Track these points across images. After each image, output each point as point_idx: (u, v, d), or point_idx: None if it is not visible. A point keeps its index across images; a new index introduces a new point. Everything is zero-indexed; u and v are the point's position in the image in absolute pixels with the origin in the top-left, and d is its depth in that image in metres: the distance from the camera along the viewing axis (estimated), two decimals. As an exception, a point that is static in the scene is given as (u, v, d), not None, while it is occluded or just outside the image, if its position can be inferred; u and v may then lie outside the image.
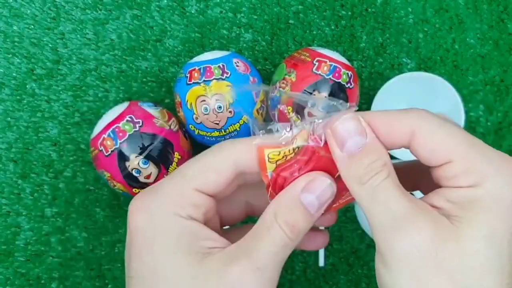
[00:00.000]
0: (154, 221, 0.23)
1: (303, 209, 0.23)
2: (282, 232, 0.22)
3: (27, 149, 0.46)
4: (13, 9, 0.46)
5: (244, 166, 0.24)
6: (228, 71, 0.40)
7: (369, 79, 0.48)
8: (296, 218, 0.23)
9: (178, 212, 0.23)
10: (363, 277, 0.48)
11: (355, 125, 0.22)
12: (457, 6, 0.48)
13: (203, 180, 0.23)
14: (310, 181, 0.23)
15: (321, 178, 0.23)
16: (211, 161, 0.24)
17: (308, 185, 0.23)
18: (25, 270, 0.45)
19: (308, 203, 0.23)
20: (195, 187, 0.23)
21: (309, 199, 0.23)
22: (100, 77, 0.46)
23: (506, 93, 0.49)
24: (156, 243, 0.22)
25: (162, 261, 0.22)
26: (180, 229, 0.22)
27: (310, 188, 0.23)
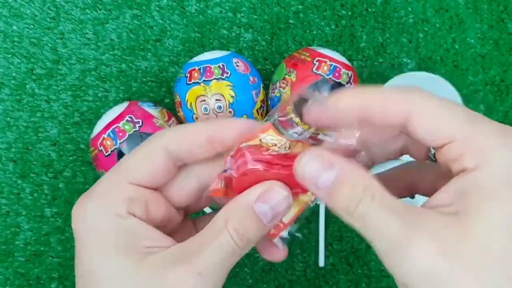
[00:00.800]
0: (90, 222, 0.22)
1: (256, 219, 0.22)
2: (231, 239, 0.22)
3: (26, 149, 0.46)
4: (12, 9, 0.46)
5: (177, 151, 0.23)
6: (228, 71, 0.40)
7: (369, 79, 0.48)
8: (247, 226, 0.22)
9: (114, 210, 0.22)
10: (363, 277, 0.48)
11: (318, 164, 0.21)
12: (457, 6, 0.48)
13: (137, 172, 0.23)
14: (265, 190, 0.22)
15: (278, 189, 0.22)
16: (143, 152, 0.23)
17: (263, 194, 0.22)
18: (24, 270, 0.45)
19: (261, 213, 0.22)
20: (130, 180, 0.23)
21: (263, 209, 0.22)
22: (100, 77, 0.46)
23: (506, 93, 0.49)
24: (92, 244, 0.22)
25: (98, 262, 0.22)
26: (116, 228, 0.22)
27: (265, 198, 0.22)
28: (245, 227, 0.22)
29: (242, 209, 0.22)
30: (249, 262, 0.47)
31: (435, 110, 0.20)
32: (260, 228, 0.22)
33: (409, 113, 0.21)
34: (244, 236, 0.22)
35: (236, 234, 0.22)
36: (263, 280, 0.47)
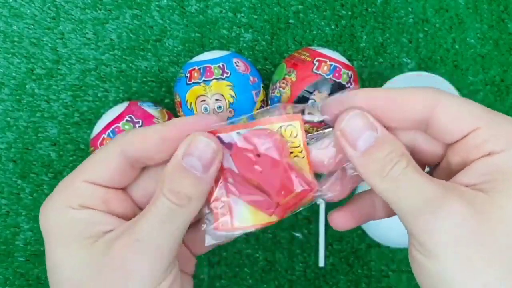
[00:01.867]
0: (49, 217, 0.23)
1: (187, 173, 0.22)
2: (167, 200, 0.22)
3: (26, 149, 0.46)
4: (12, 9, 0.46)
5: (133, 153, 0.24)
6: (228, 71, 0.40)
7: (369, 79, 0.48)
8: (181, 183, 0.22)
9: (69, 205, 0.23)
10: (363, 277, 0.48)
11: (363, 122, 0.22)
12: (457, 6, 0.48)
13: (91, 172, 0.24)
14: (188, 144, 0.23)
15: (198, 138, 0.23)
16: (99, 154, 0.24)
17: (188, 147, 0.23)
18: (24, 270, 0.45)
19: (190, 166, 0.22)
20: (84, 179, 0.23)
21: (190, 161, 0.22)
22: (99, 77, 0.46)
23: (506, 93, 0.49)
24: (52, 239, 0.23)
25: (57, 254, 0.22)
26: (72, 219, 0.23)
27: (190, 150, 0.23)
28: (179, 184, 0.22)
29: (173, 168, 0.23)
30: (249, 262, 0.47)
31: (457, 103, 0.21)
32: (195, 181, 0.22)
33: (431, 107, 0.21)
34: (181, 193, 0.22)
35: (171, 194, 0.22)
36: (263, 280, 0.47)
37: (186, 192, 0.22)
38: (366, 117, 0.22)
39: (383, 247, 0.47)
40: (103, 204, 0.24)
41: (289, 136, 0.23)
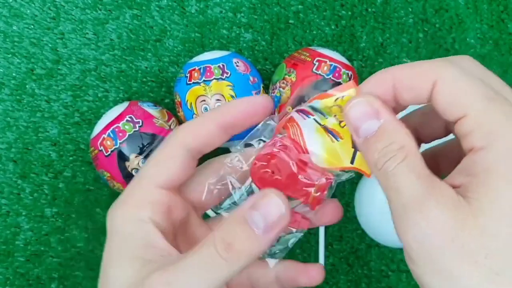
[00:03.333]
0: (115, 225, 0.23)
1: (246, 227, 0.20)
2: (214, 250, 0.20)
3: (26, 149, 0.46)
4: (12, 9, 0.46)
5: (194, 145, 0.24)
6: (228, 71, 0.40)
7: (369, 79, 0.48)
8: (236, 236, 0.20)
9: (138, 214, 0.23)
10: (363, 277, 0.48)
11: (365, 109, 0.21)
12: (457, 6, 0.48)
13: (160, 175, 0.23)
14: (259, 198, 0.21)
15: (270, 195, 0.21)
16: (162, 153, 0.24)
17: (257, 201, 0.21)
18: (24, 270, 0.45)
19: (252, 221, 0.20)
20: (154, 184, 0.23)
21: (254, 216, 0.20)
22: (100, 77, 0.46)
23: (506, 93, 0.49)
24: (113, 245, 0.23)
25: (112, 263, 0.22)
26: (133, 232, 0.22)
27: (257, 205, 0.21)
28: (233, 236, 0.20)
29: (234, 218, 0.21)
30: (249, 262, 0.47)
31: (456, 82, 0.20)
32: (251, 239, 0.20)
33: (434, 82, 0.20)
34: (232, 246, 0.20)
35: (222, 243, 0.20)
36: (263, 280, 0.47)
37: (239, 248, 0.20)
38: (369, 105, 0.21)
39: (383, 247, 0.47)
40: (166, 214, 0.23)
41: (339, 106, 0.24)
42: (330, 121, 0.24)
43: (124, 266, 0.22)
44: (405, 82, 0.21)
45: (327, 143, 0.24)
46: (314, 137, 0.24)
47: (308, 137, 0.24)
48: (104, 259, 0.23)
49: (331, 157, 0.24)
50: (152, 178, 0.23)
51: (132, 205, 0.23)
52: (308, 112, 0.24)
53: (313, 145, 0.24)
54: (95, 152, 0.40)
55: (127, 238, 0.22)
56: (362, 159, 0.23)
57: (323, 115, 0.24)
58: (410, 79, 0.21)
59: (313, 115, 0.24)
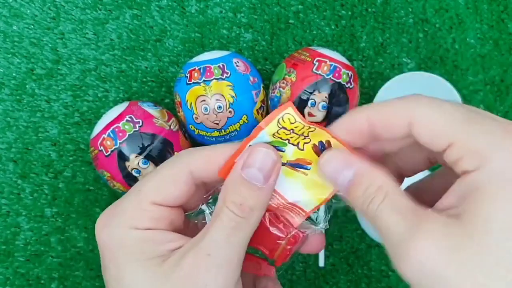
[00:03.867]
0: (114, 236, 0.23)
1: (248, 184, 0.23)
2: (231, 213, 0.22)
3: (26, 149, 0.46)
4: (12, 9, 0.46)
5: (202, 176, 0.24)
6: (228, 71, 0.40)
7: (369, 79, 0.48)
8: (243, 195, 0.22)
9: (136, 226, 0.23)
10: (363, 277, 0.48)
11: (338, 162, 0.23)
12: (457, 5, 0.48)
13: (159, 194, 0.23)
14: (248, 155, 0.23)
15: (257, 149, 0.23)
16: (167, 174, 0.24)
17: (246, 160, 0.23)
18: (24, 270, 0.45)
19: (251, 177, 0.23)
20: (152, 201, 0.23)
21: (251, 172, 0.23)
22: (100, 77, 0.46)
23: (506, 93, 0.49)
24: (119, 255, 0.23)
25: (125, 270, 0.22)
26: (139, 240, 0.23)
27: (249, 162, 0.23)
28: (241, 196, 0.22)
29: (233, 181, 0.23)
30: (249, 262, 0.47)
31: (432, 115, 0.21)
32: (257, 192, 0.23)
33: (410, 123, 0.21)
34: (244, 205, 0.22)
35: (235, 206, 0.22)
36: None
37: (249, 203, 0.22)
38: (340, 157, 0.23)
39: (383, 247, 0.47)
40: (169, 225, 0.24)
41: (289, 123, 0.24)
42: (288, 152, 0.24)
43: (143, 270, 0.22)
44: (379, 124, 0.22)
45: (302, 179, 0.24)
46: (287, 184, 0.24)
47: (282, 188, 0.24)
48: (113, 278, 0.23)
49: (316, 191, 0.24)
50: (151, 196, 0.23)
51: (129, 219, 0.23)
52: None
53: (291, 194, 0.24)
54: (95, 152, 0.40)
55: (134, 247, 0.23)
56: None
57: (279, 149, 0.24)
58: (384, 121, 0.22)
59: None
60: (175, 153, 0.40)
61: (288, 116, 0.24)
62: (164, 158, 0.39)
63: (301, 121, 0.24)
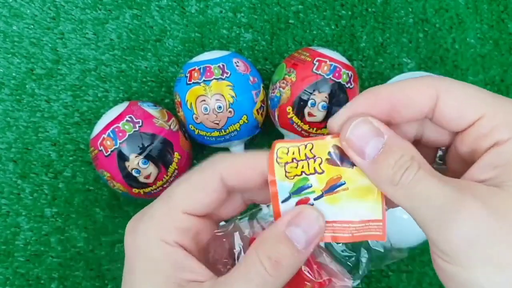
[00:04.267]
0: (138, 245, 0.22)
1: (289, 243, 0.21)
2: (262, 268, 0.21)
3: (26, 149, 0.46)
4: (12, 9, 0.46)
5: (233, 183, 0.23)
6: (228, 71, 0.40)
7: (369, 79, 0.48)
8: (280, 253, 0.21)
9: (163, 238, 0.22)
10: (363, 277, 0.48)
11: (368, 128, 0.21)
12: (457, 5, 0.48)
13: (190, 202, 0.22)
14: (296, 214, 0.22)
15: (308, 211, 0.22)
16: (198, 180, 0.23)
17: (294, 218, 0.22)
18: (24, 270, 0.45)
19: (294, 238, 0.21)
20: (182, 209, 0.22)
21: (296, 233, 0.21)
22: (99, 77, 0.46)
23: (506, 93, 0.49)
24: (137, 267, 0.22)
25: (139, 284, 0.22)
26: (162, 256, 0.22)
27: (296, 222, 0.21)
28: (278, 253, 0.21)
29: (274, 235, 0.22)
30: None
31: (461, 91, 0.21)
32: (294, 254, 0.21)
33: (436, 96, 0.21)
34: (278, 263, 0.21)
35: (269, 262, 0.21)
36: (263, 280, 0.47)
37: (284, 263, 0.21)
38: (370, 123, 0.21)
39: (383, 247, 0.47)
40: (194, 238, 0.23)
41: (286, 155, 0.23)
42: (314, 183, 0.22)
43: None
44: (404, 100, 0.21)
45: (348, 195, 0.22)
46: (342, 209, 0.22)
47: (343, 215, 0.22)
48: (127, 281, 0.22)
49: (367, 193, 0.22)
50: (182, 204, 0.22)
51: (158, 228, 0.22)
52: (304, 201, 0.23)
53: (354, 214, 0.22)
54: (95, 152, 0.40)
55: (156, 261, 0.22)
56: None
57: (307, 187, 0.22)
58: (409, 96, 0.21)
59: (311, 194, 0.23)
60: (175, 153, 0.40)
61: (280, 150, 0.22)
62: (164, 158, 0.39)
63: (292, 145, 0.22)
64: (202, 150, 0.46)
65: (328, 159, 0.22)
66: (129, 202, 0.46)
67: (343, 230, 0.22)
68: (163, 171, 0.39)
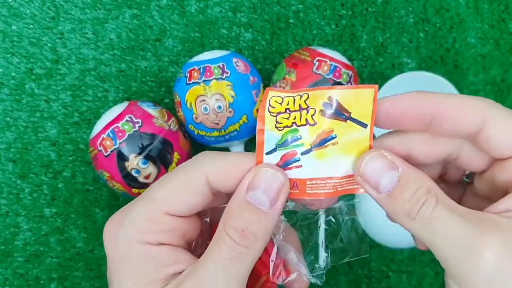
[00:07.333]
0: (120, 249, 0.21)
1: (253, 209, 0.20)
2: (231, 241, 0.20)
3: (26, 149, 0.45)
4: (12, 9, 0.46)
5: (220, 186, 0.22)
6: (228, 70, 0.40)
7: (369, 78, 0.48)
8: (246, 220, 0.20)
9: (147, 241, 0.21)
10: (363, 277, 0.48)
11: (382, 162, 0.21)
12: (457, 5, 0.48)
13: (174, 204, 0.21)
14: (253, 176, 0.21)
15: (263, 169, 0.21)
16: (183, 181, 0.22)
17: (251, 181, 0.21)
18: (24, 271, 0.45)
19: (256, 201, 0.20)
20: (166, 211, 0.21)
21: (257, 195, 0.21)
22: (99, 77, 0.46)
23: (507, 93, 0.49)
24: (121, 271, 0.21)
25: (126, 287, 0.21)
26: (145, 256, 0.21)
27: (254, 184, 0.21)
28: (244, 222, 0.20)
29: (237, 204, 0.21)
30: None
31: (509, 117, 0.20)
32: (260, 218, 0.21)
33: (483, 120, 0.20)
34: (246, 231, 0.20)
35: (236, 233, 0.20)
36: (263, 280, 0.47)
37: (252, 230, 0.20)
38: (384, 157, 0.21)
39: (384, 248, 0.47)
40: (181, 237, 0.22)
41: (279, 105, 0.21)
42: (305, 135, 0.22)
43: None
44: (450, 113, 0.21)
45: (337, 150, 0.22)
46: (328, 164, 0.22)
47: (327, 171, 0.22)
48: (114, 282, 0.22)
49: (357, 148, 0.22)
50: (165, 205, 0.21)
51: (140, 230, 0.21)
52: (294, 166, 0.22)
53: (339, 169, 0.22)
54: (95, 152, 0.39)
55: (140, 264, 0.21)
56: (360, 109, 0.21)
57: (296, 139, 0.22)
58: (457, 110, 0.21)
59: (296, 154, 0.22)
60: (175, 153, 0.40)
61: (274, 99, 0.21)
62: (164, 158, 0.39)
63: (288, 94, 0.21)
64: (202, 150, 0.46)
65: (322, 110, 0.21)
66: (129, 202, 0.46)
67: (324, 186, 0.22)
68: (162, 171, 0.39)
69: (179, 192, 0.22)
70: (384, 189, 0.20)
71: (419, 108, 0.21)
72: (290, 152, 0.22)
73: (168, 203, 0.21)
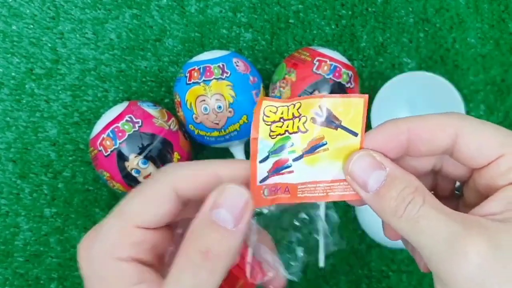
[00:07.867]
0: (94, 267, 0.21)
1: (216, 227, 0.20)
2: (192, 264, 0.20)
3: (26, 149, 0.45)
4: (12, 9, 0.46)
5: (188, 195, 0.22)
6: (228, 70, 0.40)
7: (369, 78, 0.48)
8: (209, 241, 0.20)
9: (118, 255, 0.21)
10: (363, 277, 0.48)
11: (370, 161, 0.21)
12: (457, 5, 0.48)
13: (143, 216, 0.22)
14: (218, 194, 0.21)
15: (227, 187, 0.21)
16: (150, 193, 0.22)
17: (216, 199, 0.21)
18: (24, 271, 0.45)
19: (220, 219, 0.20)
20: (135, 224, 0.21)
21: (221, 214, 0.20)
22: (99, 77, 0.46)
23: (507, 93, 0.49)
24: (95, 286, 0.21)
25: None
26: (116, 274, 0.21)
27: (219, 202, 0.20)
28: (207, 242, 0.20)
29: (201, 222, 0.21)
30: (249, 263, 0.47)
31: (480, 130, 0.21)
32: (225, 236, 0.20)
33: (455, 135, 0.21)
34: (209, 252, 0.20)
35: (199, 254, 0.20)
36: (263, 280, 0.47)
37: (216, 250, 0.20)
38: (372, 157, 0.21)
39: (384, 248, 0.47)
40: (151, 251, 0.22)
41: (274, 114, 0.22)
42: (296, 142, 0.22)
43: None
44: (423, 136, 0.21)
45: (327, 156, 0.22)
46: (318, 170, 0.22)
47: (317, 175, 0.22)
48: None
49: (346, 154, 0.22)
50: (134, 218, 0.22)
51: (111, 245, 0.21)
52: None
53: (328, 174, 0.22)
54: (95, 152, 0.39)
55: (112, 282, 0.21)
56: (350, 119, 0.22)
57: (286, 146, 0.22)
58: (428, 132, 0.21)
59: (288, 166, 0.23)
60: (175, 153, 0.40)
61: (268, 108, 0.22)
62: (164, 158, 0.39)
63: (282, 104, 0.22)
64: (202, 150, 0.46)
65: (313, 118, 0.22)
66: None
67: (314, 190, 0.23)
68: (162, 171, 0.39)
69: (146, 204, 0.22)
70: (372, 187, 0.21)
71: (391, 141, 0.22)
72: (282, 159, 0.22)
73: (137, 216, 0.22)
